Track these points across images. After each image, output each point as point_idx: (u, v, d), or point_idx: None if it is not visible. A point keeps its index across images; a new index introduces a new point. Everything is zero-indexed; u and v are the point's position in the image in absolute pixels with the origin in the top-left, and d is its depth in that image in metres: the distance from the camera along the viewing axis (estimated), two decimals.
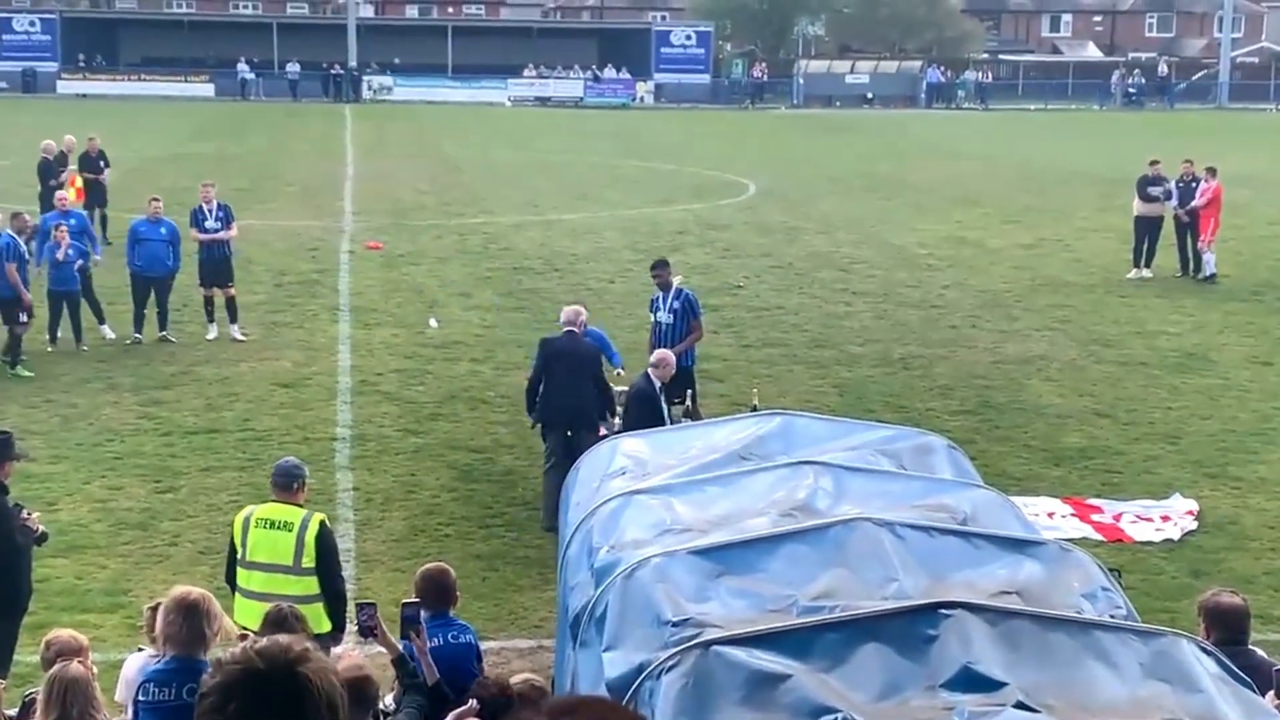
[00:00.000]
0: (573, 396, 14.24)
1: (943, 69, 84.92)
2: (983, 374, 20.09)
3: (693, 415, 15.23)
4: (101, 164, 29.31)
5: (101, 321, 21.05)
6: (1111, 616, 6.78)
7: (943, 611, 6.26)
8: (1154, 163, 27.90)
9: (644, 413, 13.50)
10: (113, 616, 11.72)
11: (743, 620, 6.42)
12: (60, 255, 20.03)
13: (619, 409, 14.54)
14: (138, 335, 20.87)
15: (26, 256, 19.97)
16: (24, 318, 19.13)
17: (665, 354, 14.45)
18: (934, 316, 23.68)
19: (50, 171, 28.20)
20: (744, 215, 34.94)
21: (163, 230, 20.99)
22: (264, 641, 2.83)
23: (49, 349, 20.15)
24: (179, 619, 7.07)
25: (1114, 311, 24.30)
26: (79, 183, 28.06)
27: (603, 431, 13.78)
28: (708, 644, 6.15)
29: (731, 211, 35.63)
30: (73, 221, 21.16)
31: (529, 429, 16.37)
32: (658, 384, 13.98)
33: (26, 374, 18.97)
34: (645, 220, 33.80)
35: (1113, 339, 22.24)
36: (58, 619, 10.91)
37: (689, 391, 15.46)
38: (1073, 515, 14.42)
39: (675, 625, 6.41)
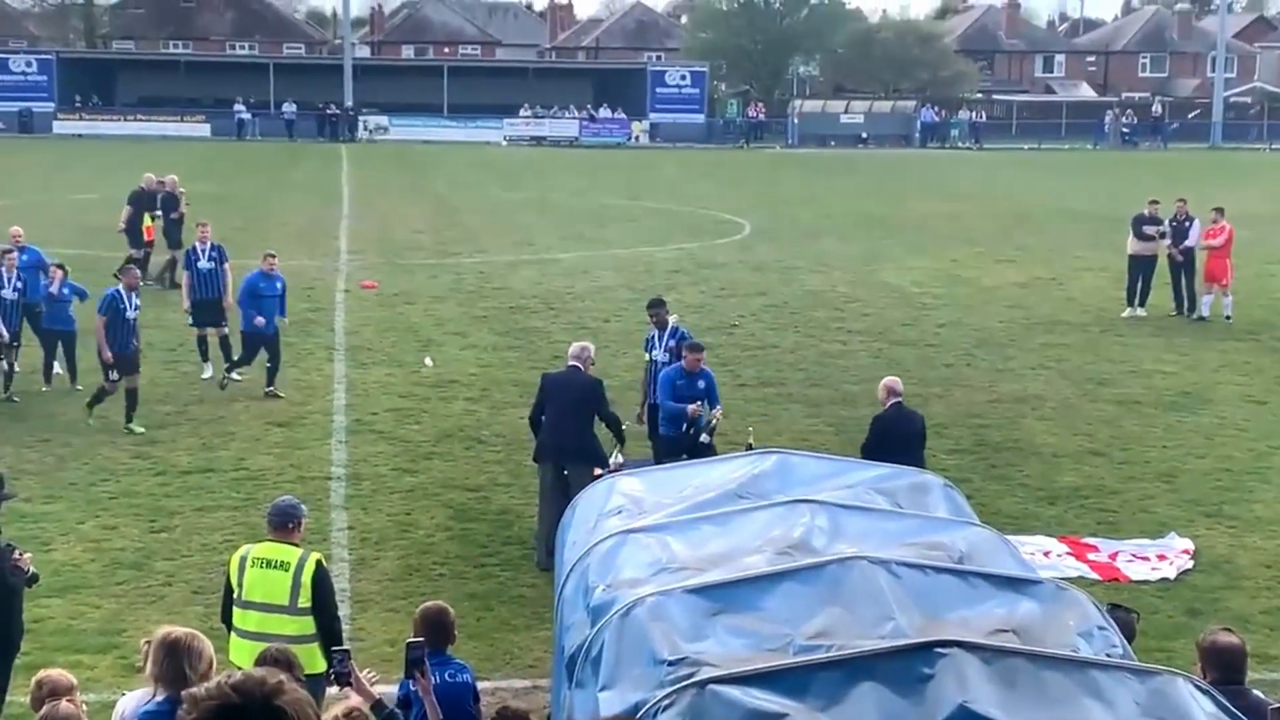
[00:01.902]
0: (567, 431, 14.18)
1: (937, 109, 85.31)
2: (978, 413, 20.09)
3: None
4: (179, 205, 29.22)
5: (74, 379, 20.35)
6: (1108, 655, 6.77)
7: (939, 650, 6.24)
8: (1153, 202, 28.01)
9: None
10: (106, 657, 11.67)
11: (739, 659, 6.40)
12: (54, 290, 20.01)
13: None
14: (229, 376, 20.50)
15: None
16: (113, 376, 18.32)
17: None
18: (929, 355, 23.71)
19: (147, 204, 28.72)
20: (739, 254, 35.01)
21: (278, 285, 20.45)
22: (239, 675, 2.80)
23: (43, 388, 20.13)
24: (164, 658, 7.06)
25: (1109, 350, 24.33)
26: (148, 221, 28.35)
27: (598, 471, 13.75)
28: (704, 683, 6.13)
29: (727, 250, 35.70)
30: (24, 256, 20.69)
31: (523, 467, 16.39)
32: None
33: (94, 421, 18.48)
34: (641, 259, 33.86)
35: (1108, 378, 22.26)
36: (51, 659, 10.85)
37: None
38: (1069, 554, 14.39)
39: (671, 664, 6.40)
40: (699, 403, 14.97)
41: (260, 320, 20.04)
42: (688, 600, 6.94)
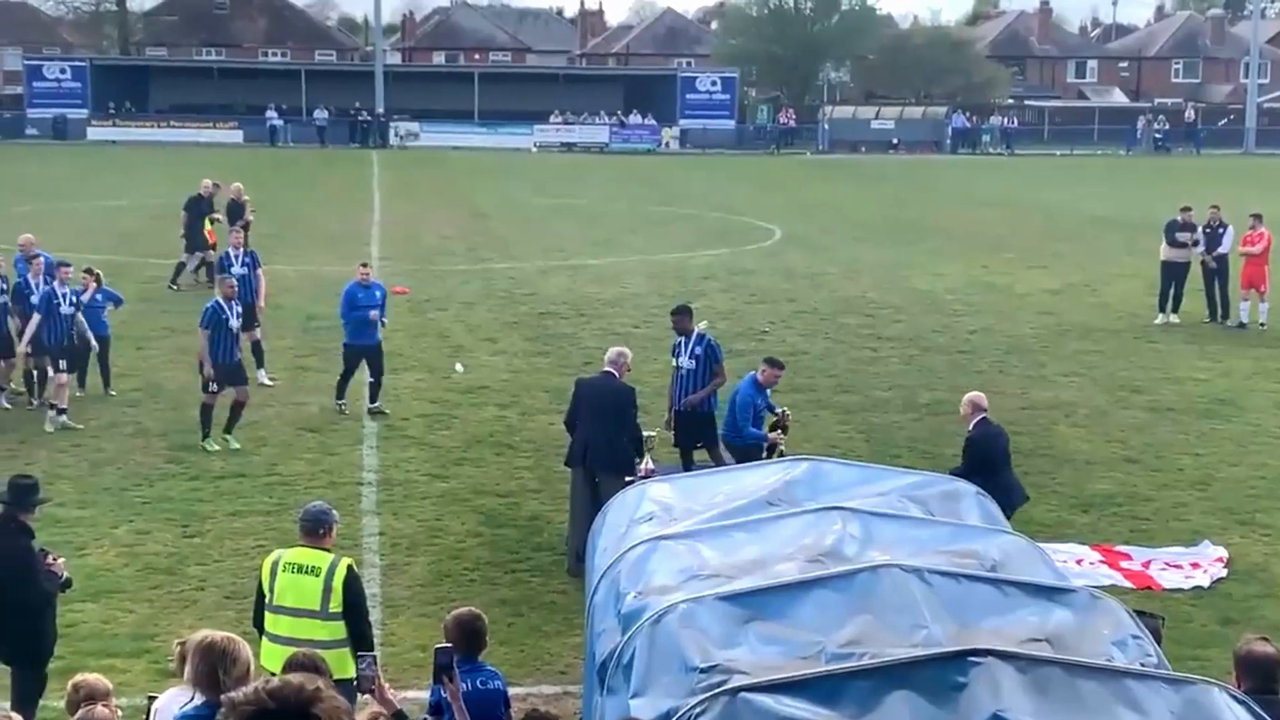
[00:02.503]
0: (598, 437, 14.20)
1: (968, 114, 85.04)
2: (1010, 420, 19.95)
3: (716, 461, 15.29)
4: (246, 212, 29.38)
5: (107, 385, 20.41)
6: (1142, 665, 6.73)
7: (972, 659, 6.22)
8: (1185, 208, 27.85)
9: None
10: (139, 661, 11.73)
11: (771, 667, 6.39)
12: (86, 297, 20.11)
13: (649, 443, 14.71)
14: (341, 403, 19.77)
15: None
16: (213, 389, 18.04)
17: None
18: (961, 362, 23.63)
19: (206, 209, 28.98)
20: (769, 261, 34.97)
21: (376, 294, 19.76)
22: (276, 681, 2.81)
23: (77, 393, 20.24)
24: (201, 663, 7.09)
25: (1141, 357, 24.22)
26: (209, 225, 28.77)
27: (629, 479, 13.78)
28: (736, 690, 6.12)
29: (757, 257, 35.67)
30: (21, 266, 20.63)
31: (553, 473, 16.41)
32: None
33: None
34: (671, 266, 33.86)
35: (1141, 385, 22.16)
36: (85, 664, 10.91)
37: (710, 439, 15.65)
38: (1101, 562, 14.33)
39: (703, 671, 6.39)
40: (779, 432, 15.35)
41: (379, 314, 19.50)
42: (719, 607, 6.93)
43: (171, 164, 59.73)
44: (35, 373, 19.86)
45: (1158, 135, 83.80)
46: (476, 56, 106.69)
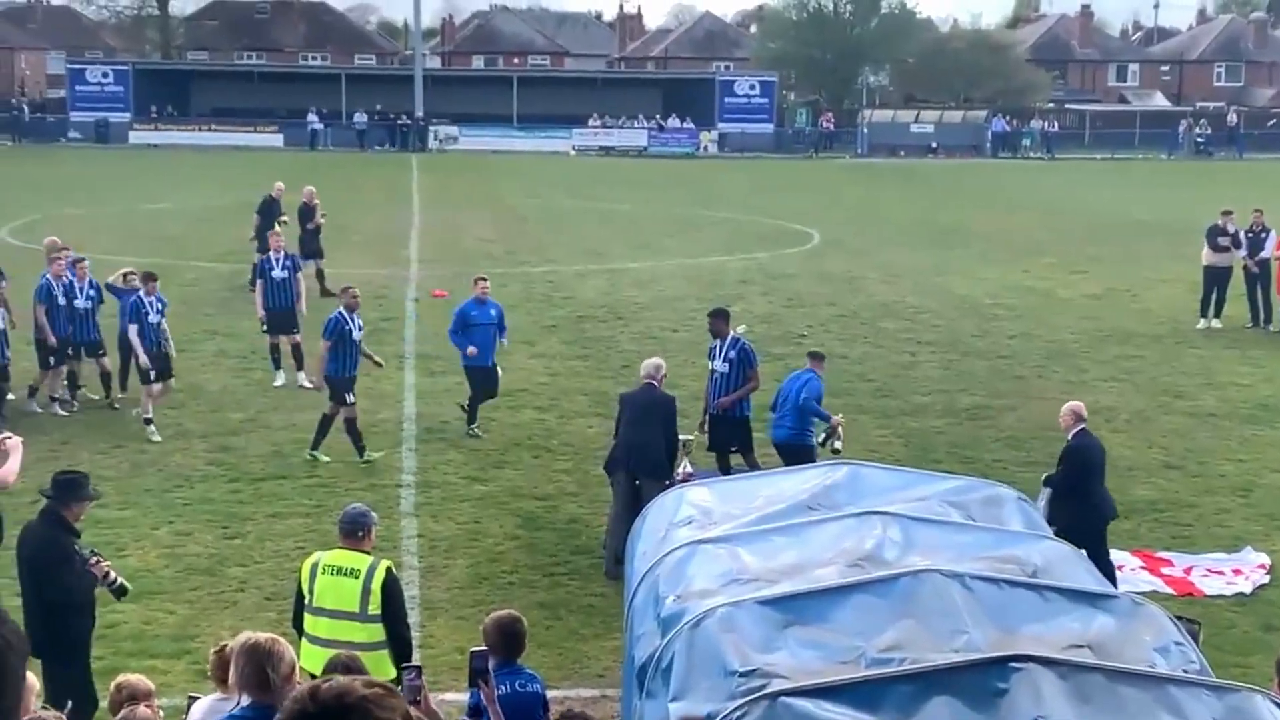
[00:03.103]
0: (639, 443, 14.33)
1: (1008, 118, 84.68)
2: (1051, 425, 19.81)
3: (750, 466, 15.34)
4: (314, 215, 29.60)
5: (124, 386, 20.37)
6: (1184, 671, 6.69)
7: (1013, 665, 6.19)
8: (1226, 213, 27.66)
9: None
10: (179, 662, 11.78)
11: (811, 671, 6.37)
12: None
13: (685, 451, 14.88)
14: (473, 428, 18.95)
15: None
16: (350, 399, 17.56)
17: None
18: (1001, 367, 23.53)
19: (278, 212, 29.19)
20: (808, 264, 34.91)
21: (492, 312, 19.09)
22: (336, 681, 2.82)
23: (119, 395, 20.36)
24: (246, 664, 7.10)
25: (1183, 362, 24.06)
26: (276, 228, 28.84)
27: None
28: (776, 695, 6.11)
29: (795, 260, 35.61)
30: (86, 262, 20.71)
31: (591, 477, 16.43)
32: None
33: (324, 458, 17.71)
34: (709, 269, 33.84)
35: (1183, 390, 22.01)
36: (125, 664, 10.98)
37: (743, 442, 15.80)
38: (1143, 568, 14.25)
39: (743, 676, 6.38)
40: (841, 415, 16.03)
41: (473, 350, 18.80)
42: (759, 611, 6.91)
43: (213, 167, 60.11)
44: (105, 374, 20.07)
45: (1200, 139, 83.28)
46: (515, 60, 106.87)
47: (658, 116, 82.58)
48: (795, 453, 15.24)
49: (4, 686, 2.09)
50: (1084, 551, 8.79)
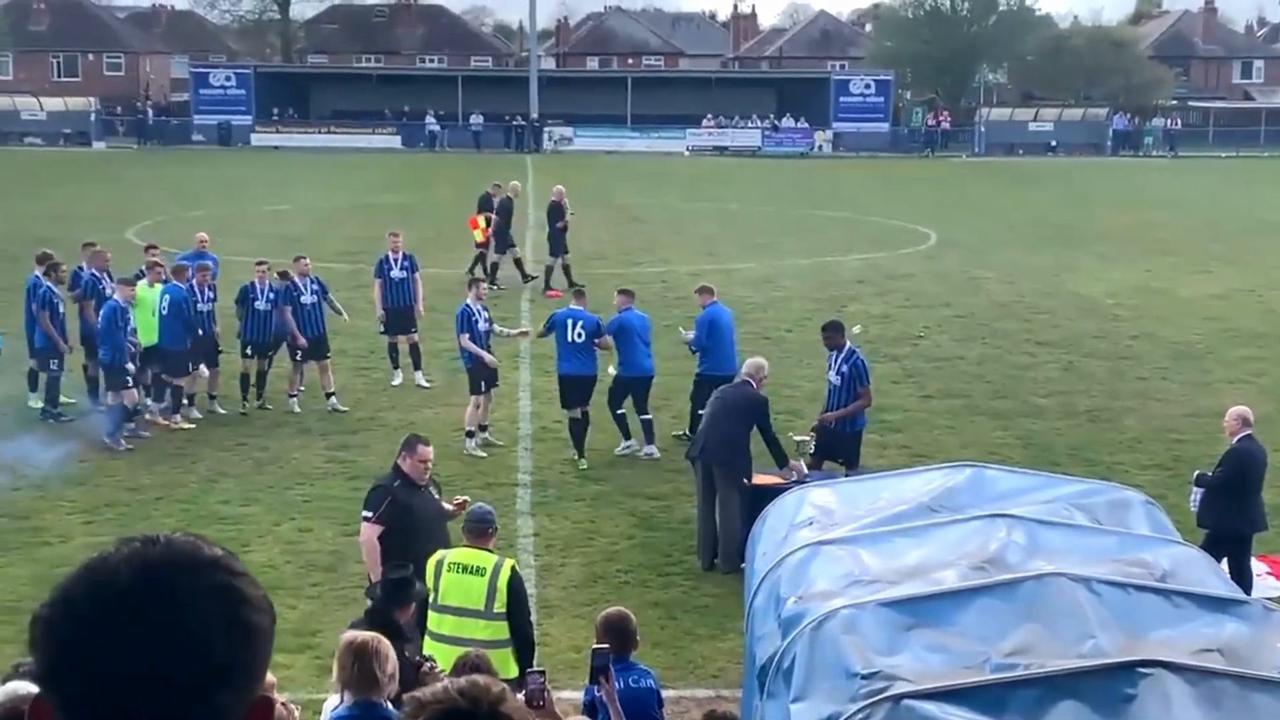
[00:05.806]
0: (715, 433, 14.47)
1: (1130, 116, 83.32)
2: (1174, 427, 19.55)
3: None
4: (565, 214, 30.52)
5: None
6: None
7: (1142, 670, 6.08)
8: None
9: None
10: (301, 657, 11.94)
11: (934, 675, 6.30)
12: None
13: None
14: (628, 446, 18.28)
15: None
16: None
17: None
18: (1122, 368, 23.15)
19: (511, 209, 30.56)
20: (924, 264, 34.60)
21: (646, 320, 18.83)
22: (464, 681, 2.83)
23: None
24: (351, 663, 7.17)
25: None
26: (481, 224, 30.02)
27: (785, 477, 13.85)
28: (898, 697, 6.05)
29: (912, 260, 35.31)
30: (210, 263, 20.98)
31: None
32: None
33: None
34: (823, 269, 33.66)
35: None
36: None
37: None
38: (1269, 574, 13.94)
39: (865, 678, 6.32)
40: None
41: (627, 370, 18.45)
42: (881, 614, 6.85)
43: (332, 169, 60.91)
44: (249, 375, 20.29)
45: None
46: (630, 61, 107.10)
47: (772, 116, 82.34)
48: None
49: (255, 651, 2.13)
50: (1224, 557, 8.61)
